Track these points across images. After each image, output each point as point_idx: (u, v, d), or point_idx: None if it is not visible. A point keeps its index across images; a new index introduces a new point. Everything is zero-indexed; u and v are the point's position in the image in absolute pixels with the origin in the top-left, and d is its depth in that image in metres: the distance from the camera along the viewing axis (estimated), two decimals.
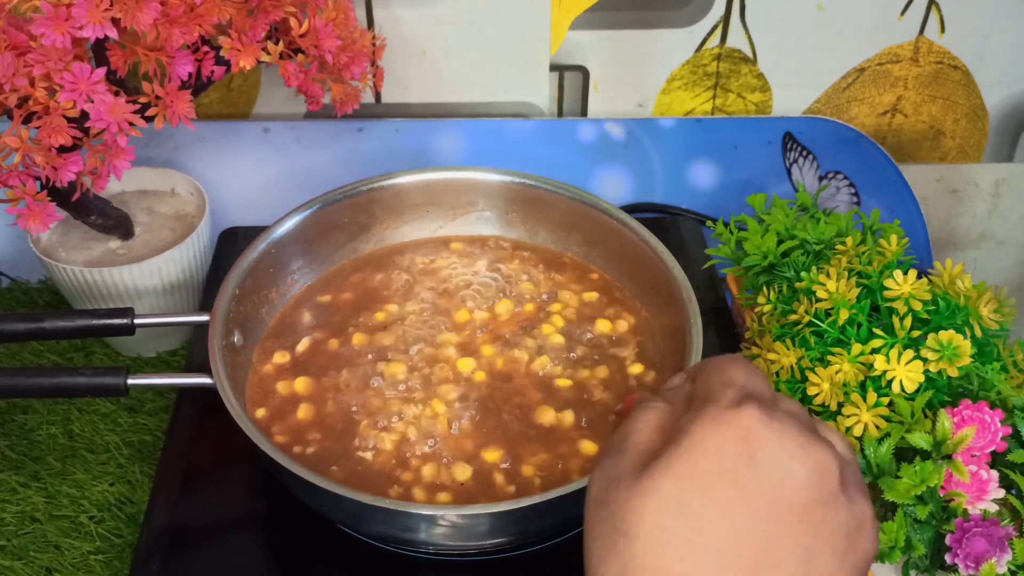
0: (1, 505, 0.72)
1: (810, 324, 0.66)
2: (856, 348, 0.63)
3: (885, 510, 0.60)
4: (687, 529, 0.35)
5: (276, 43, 0.71)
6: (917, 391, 0.61)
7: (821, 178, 0.95)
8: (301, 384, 0.70)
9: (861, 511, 0.37)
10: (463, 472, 0.64)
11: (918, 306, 0.64)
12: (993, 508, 0.58)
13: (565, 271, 0.80)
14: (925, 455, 0.59)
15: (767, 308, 0.71)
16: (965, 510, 0.58)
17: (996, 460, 0.60)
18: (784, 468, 0.35)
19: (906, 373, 0.61)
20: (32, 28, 0.62)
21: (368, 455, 0.65)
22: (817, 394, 0.63)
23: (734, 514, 0.35)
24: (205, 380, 0.63)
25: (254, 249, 0.73)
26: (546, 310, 0.76)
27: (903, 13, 0.91)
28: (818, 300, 0.66)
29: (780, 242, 0.74)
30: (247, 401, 0.69)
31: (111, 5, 0.62)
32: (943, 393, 0.63)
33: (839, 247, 0.71)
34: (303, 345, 0.73)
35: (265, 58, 0.70)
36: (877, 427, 0.60)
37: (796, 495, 0.35)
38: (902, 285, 0.64)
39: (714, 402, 0.37)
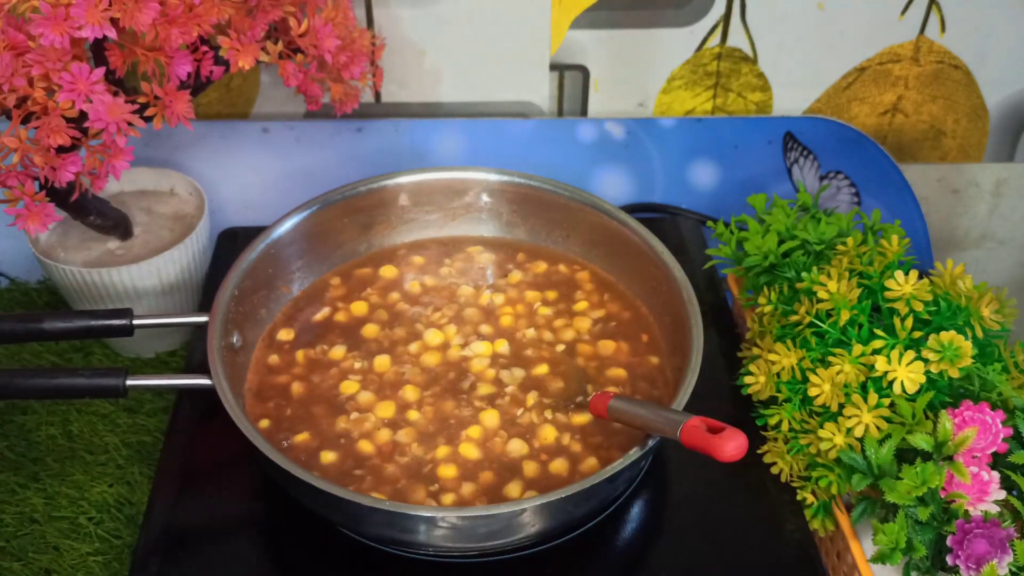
0: (0, 506, 0.72)
1: (811, 325, 0.66)
2: (857, 349, 0.63)
3: (887, 511, 0.60)
4: None
5: (275, 43, 0.71)
6: (918, 392, 0.61)
7: (822, 178, 0.95)
8: (297, 381, 0.70)
9: None
10: (450, 469, 0.64)
11: (919, 307, 0.63)
12: (994, 509, 0.58)
13: (565, 271, 0.79)
14: (926, 456, 0.59)
15: (768, 308, 0.70)
16: (966, 511, 0.58)
17: (997, 461, 0.60)
18: None
19: (907, 374, 0.61)
20: (31, 28, 0.62)
21: (362, 452, 0.65)
22: (818, 395, 0.63)
23: None
24: (204, 381, 0.63)
25: (254, 249, 0.72)
26: (546, 308, 0.76)
27: (904, 13, 0.90)
28: (819, 301, 0.66)
29: (781, 242, 0.74)
30: (246, 393, 0.69)
31: (110, 5, 0.62)
32: (944, 394, 0.63)
33: (840, 247, 0.71)
34: (309, 328, 0.74)
35: (264, 58, 0.70)
36: (878, 428, 0.60)
37: None
38: (903, 285, 0.64)
39: None
